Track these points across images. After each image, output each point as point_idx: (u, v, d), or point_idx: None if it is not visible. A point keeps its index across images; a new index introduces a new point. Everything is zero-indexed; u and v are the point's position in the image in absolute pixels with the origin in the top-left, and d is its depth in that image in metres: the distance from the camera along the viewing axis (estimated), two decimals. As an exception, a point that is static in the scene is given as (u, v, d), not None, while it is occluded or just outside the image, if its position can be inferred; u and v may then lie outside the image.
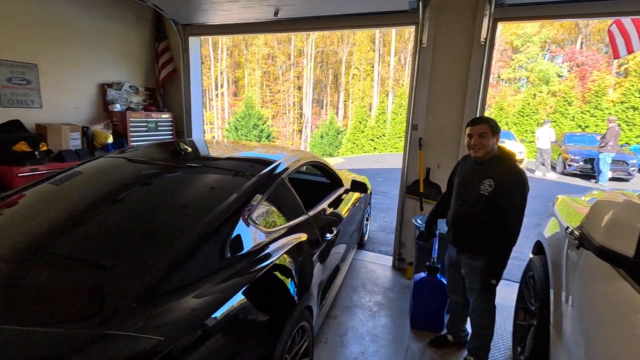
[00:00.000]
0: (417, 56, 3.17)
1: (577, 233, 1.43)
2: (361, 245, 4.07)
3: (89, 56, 3.68)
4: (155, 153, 2.22)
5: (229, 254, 1.42)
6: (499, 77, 26.75)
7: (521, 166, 1.95)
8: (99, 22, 3.73)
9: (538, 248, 2.29)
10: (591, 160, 10.07)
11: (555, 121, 18.17)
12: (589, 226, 1.20)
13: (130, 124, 3.81)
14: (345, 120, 30.76)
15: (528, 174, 10.20)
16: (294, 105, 32.94)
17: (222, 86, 31.82)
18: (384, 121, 21.59)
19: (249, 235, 1.56)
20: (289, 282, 1.58)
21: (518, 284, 2.52)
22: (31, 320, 0.96)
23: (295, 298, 1.59)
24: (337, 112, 32.62)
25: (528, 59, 24.10)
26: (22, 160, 2.79)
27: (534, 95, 20.97)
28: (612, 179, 9.67)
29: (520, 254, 4.09)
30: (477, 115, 3.05)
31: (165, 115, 4.25)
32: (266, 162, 2.07)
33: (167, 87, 4.42)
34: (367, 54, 29.95)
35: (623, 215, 1.05)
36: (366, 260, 3.79)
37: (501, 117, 19.19)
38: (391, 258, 3.74)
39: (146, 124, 4.01)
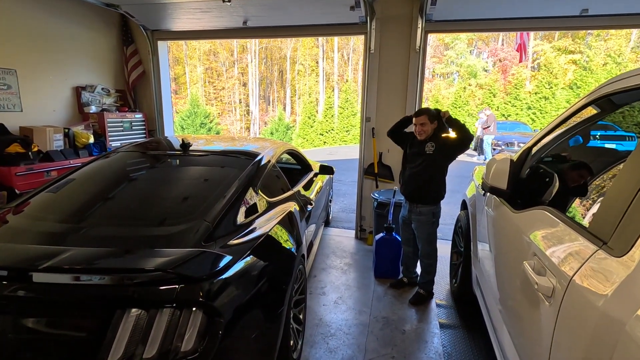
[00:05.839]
0: (367, 61, 3.85)
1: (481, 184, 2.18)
2: (327, 223, 4.72)
3: (63, 60, 3.85)
4: (165, 146, 2.65)
5: (249, 214, 1.95)
6: (433, 72, 28.90)
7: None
8: (69, 28, 3.90)
9: (463, 205, 3.09)
10: (512, 144, 11.77)
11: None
12: (486, 175, 1.92)
13: (108, 125, 4.04)
14: (294, 116, 31.21)
15: (467, 158, 11.92)
16: (240, 102, 32.58)
17: (163, 84, 30.37)
18: (332, 116, 22.46)
19: (257, 203, 2.10)
20: (290, 234, 2.15)
21: (451, 239, 3.32)
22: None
23: (295, 246, 2.16)
24: (285, 108, 32.87)
25: (457, 55, 26.47)
26: (17, 161, 2.98)
27: (464, 88, 23.20)
28: None
29: (454, 220, 5.01)
30: (417, 107, 3.82)
31: (138, 116, 4.50)
32: (263, 147, 2.61)
33: (137, 89, 4.65)
34: (311, 50, 30.51)
35: (500, 165, 1.78)
36: (333, 234, 4.44)
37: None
38: (353, 231, 4.43)
39: (122, 124, 4.24)
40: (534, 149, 1.95)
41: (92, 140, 3.79)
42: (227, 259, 1.45)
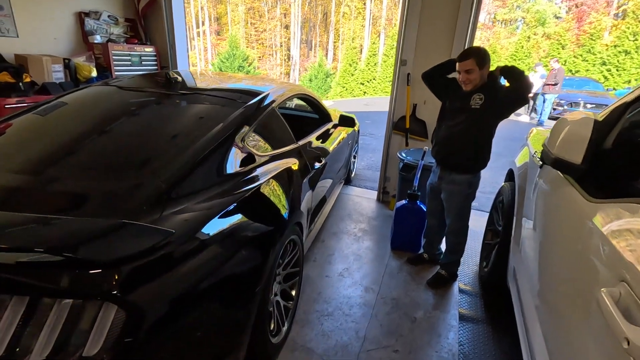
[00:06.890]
0: (408, -13, 3.09)
1: (539, 153, 1.60)
2: (348, 181, 4.27)
3: (62, -20, 3.45)
4: (148, 82, 2.25)
5: (225, 172, 1.55)
6: (494, 18, 25.64)
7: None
8: (68, -59, 3.44)
9: (509, 176, 2.49)
10: (577, 104, 10.23)
11: (546, 65, 18.00)
12: (549, 143, 1.35)
13: (114, 57, 3.69)
14: (335, 62, 29.65)
15: (515, 117, 10.54)
16: (281, 46, 31.39)
17: (203, 24, 29.84)
18: (375, 64, 20.90)
19: (243, 157, 1.69)
20: (282, 197, 1.75)
21: (489, 213, 2.77)
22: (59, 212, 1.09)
23: (287, 212, 1.76)
24: (327, 53, 31.26)
25: (526, -2, 23.06)
26: (6, 92, 2.75)
27: (528, 37, 20.42)
28: (551, 119, 9.86)
29: (494, 188, 4.36)
30: (465, 51, 3.08)
31: (149, 49, 4.11)
32: (268, 88, 2.14)
33: (148, 19, 4.21)
34: (359, -11, 28.06)
35: (577, 128, 1.20)
36: (353, 194, 4.01)
37: (493, 60, 18.85)
38: (376, 192, 3.97)
39: (130, 57, 3.88)
40: (633, 108, 1.32)
41: (94, 73, 3.48)
42: (166, 234, 1.07)
